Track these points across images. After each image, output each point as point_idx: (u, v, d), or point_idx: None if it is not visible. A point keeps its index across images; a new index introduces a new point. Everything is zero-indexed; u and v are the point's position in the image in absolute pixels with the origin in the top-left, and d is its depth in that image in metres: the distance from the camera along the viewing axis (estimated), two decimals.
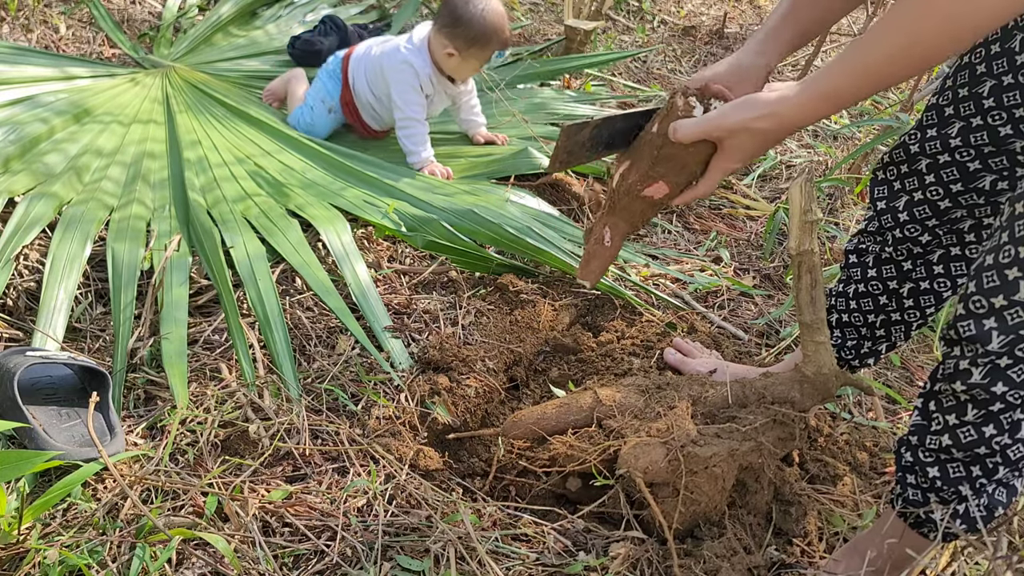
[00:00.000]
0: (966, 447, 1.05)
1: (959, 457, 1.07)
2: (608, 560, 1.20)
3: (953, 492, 1.09)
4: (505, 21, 2.13)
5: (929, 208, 1.24)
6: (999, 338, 0.98)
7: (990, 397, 1.01)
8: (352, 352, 1.54)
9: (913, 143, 1.22)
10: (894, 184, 1.27)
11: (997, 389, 1.00)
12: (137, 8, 2.90)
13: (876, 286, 1.36)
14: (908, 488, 1.14)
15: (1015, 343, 0.97)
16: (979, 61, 1.11)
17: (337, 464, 1.31)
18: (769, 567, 1.25)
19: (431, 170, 2.15)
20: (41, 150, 1.91)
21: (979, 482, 1.07)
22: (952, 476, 1.08)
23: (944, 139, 1.17)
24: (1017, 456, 1.05)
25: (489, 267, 1.81)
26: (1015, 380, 0.99)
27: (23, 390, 1.25)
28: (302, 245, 1.75)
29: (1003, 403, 1.01)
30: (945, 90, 1.17)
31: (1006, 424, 1.02)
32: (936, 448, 1.09)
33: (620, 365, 1.60)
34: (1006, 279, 0.96)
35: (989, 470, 1.06)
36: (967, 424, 1.04)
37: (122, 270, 1.58)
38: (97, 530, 1.12)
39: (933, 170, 1.20)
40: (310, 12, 2.95)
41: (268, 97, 2.44)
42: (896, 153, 1.26)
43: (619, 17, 3.50)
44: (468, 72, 2.21)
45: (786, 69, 3.34)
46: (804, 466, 1.48)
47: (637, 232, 1.40)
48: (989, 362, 0.99)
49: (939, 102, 1.18)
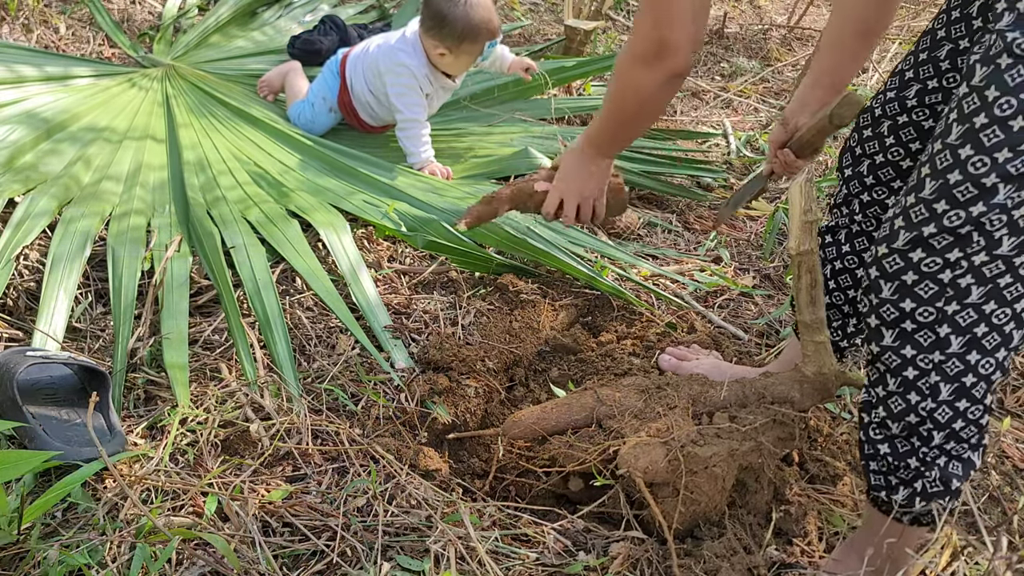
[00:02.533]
0: (897, 417, 1.09)
1: (896, 432, 1.11)
2: (608, 560, 1.20)
3: (904, 467, 1.12)
4: (491, 10, 2.11)
5: (892, 169, 1.27)
6: (887, 286, 1.03)
7: (902, 362, 1.05)
8: (352, 352, 1.54)
9: (876, 107, 1.27)
10: (856, 150, 1.31)
11: (907, 353, 1.04)
12: (137, 8, 2.90)
13: (851, 260, 1.38)
14: (871, 474, 1.17)
15: (901, 293, 1.02)
16: (940, 27, 1.17)
17: (337, 464, 1.31)
18: (769, 567, 1.25)
19: (431, 170, 2.15)
20: (41, 150, 1.91)
21: (921, 452, 1.09)
22: (900, 451, 1.11)
23: (902, 101, 1.22)
24: (947, 418, 1.06)
25: (489, 267, 1.81)
26: (923, 345, 1.03)
27: (23, 390, 1.25)
28: (302, 245, 1.75)
29: (916, 369, 1.05)
30: (907, 56, 1.23)
31: (925, 389, 1.05)
32: (878, 423, 1.13)
33: (620, 365, 1.60)
34: (892, 228, 1.03)
35: (925, 438, 1.09)
36: (894, 395, 1.08)
37: (122, 270, 1.58)
38: (97, 530, 1.12)
39: (893, 131, 1.24)
40: (310, 12, 2.96)
41: (263, 89, 2.44)
42: (862, 118, 1.30)
43: (619, 17, 3.50)
44: (464, 67, 2.20)
45: (786, 69, 3.34)
46: (804, 466, 1.48)
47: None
48: (895, 323, 1.04)
49: (902, 67, 1.24)
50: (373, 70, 2.19)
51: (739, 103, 3.00)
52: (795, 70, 3.32)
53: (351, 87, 2.23)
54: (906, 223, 1.01)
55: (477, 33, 2.09)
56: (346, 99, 2.25)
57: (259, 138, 2.16)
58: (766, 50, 3.48)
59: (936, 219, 0.98)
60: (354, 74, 2.22)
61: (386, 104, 2.21)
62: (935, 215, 0.98)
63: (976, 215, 0.95)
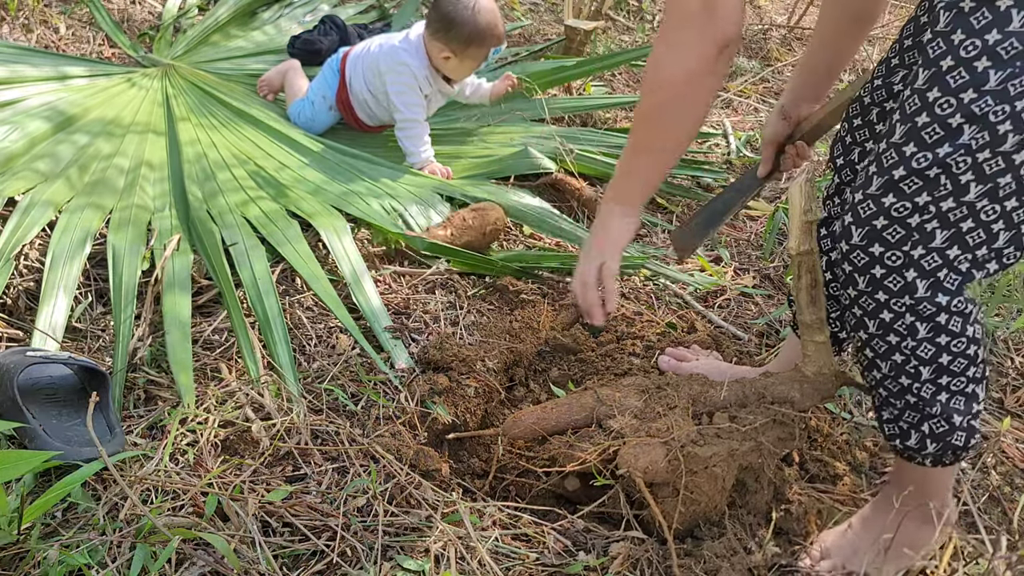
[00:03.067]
0: (884, 357, 1.12)
1: (888, 372, 1.13)
2: (608, 560, 1.20)
3: (907, 409, 1.15)
4: (498, 17, 2.12)
5: None
6: (857, 231, 1.05)
7: (876, 305, 1.08)
8: (352, 352, 1.54)
9: (865, 95, 1.28)
10: (847, 139, 1.32)
11: (880, 297, 1.07)
12: (137, 8, 2.90)
13: None
14: (884, 424, 1.20)
15: (870, 238, 1.04)
16: (922, 13, 1.18)
17: (337, 464, 1.31)
18: (769, 567, 1.25)
19: (431, 170, 2.15)
20: (41, 149, 1.91)
21: (915, 388, 1.12)
22: (894, 390, 1.14)
23: (888, 87, 1.23)
24: (930, 353, 1.09)
25: (490, 268, 1.81)
26: (892, 289, 1.06)
27: (23, 390, 1.25)
28: (302, 245, 1.75)
29: (890, 311, 1.07)
30: (893, 44, 1.24)
31: (902, 330, 1.09)
32: (867, 364, 1.16)
33: (620, 365, 1.60)
34: (866, 175, 1.05)
35: (912, 374, 1.11)
36: (874, 337, 1.11)
37: (122, 269, 1.58)
38: (97, 530, 1.12)
39: (882, 118, 1.25)
40: (310, 12, 2.95)
41: (263, 88, 2.44)
42: (852, 108, 1.31)
43: (619, 17, 3.50)
44: (466, 72, 2.21)
45: (786, 69, 3.34)
46: (804, 466, 1.48)
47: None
48: (865, 269, 1.06)
49: (888, 56, 1.25)
50: (373, 69, 2.19)
51: (739, 103, 3.00)
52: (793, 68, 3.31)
53: (350, 85, 2.23)
54: (878, 168, 1.03)
55: (483, 38, 2.09)
56: (344, 97, 2.25)
57: (259, 138, 2.16)
58: (766, 50, 3.48)
59: (905, 161, 0.99)
60: (354, 72, 2.22)
61: (384, 104, 2.21)
62: (904, 158, 1.00)
63: (942, 156, 0.97)
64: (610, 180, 1.33)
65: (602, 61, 2.64)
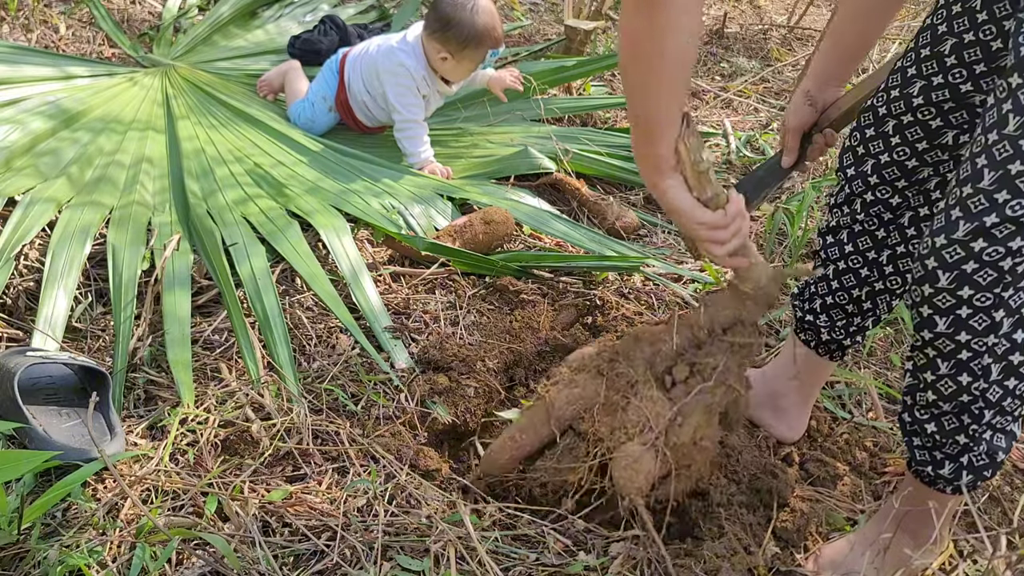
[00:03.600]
0: (949, 398, 1.10)
1: (947, 409, 1.11)
2: (608, 560, 1.20)
3: (952, 444, 1.13)
4: (496, 19, 2.11)
5: (897, 169, 1.27)
6: (944, 275, 1.02)
7: (956, 346, 1.05)
8: (352, 352, 1.54)
9: (880, 106, 1.26)
10: (859, 149, 1.30)
11: (961, 338, 1.05)
12: (137, 8, 2.90)
13: (855, 260, 1.37)
14: (915, 450, 1.18)
15: (959, 282, 1.01)
16: (940, 22, 1.16)
17: (337, 464, 1.31)
18: (769, 567, 1.25)
19: (431, 170, 2.15)
20: (41, 149, 1.91)
21: (971, 429, 1.11)
22: (948, 428, 1.13)
23: (907, 99, 1.21)
24: (997, 396, 1.08)
25: (490, 268, 1.81)
26: (977, 329, 1.03)
27: (23, 390, 1.25)
28: (302, 245, 1.75)
29: (969, 351, 1.05)
30: (908, 52, 1.22)
31: (978, 370, 1.06)
32: (925, 404, 1.14)
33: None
34: (950, 219, 1.01)
35: (976, 415, 1.10)
36: (944, 377, 1.09)
37: (122, 269, 1.58)
38: (97, 530, 1.12)
39: (899, 131, 1.24)
40: (310, 12, 2.95)
41: (264, 88, 2.44)
42: (864, 118, 1.29)
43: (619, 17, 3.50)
44: (463, 74, 2.20)
45: (786, 69, 3.34)
46: (804, 466, 1.48)
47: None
48: (950, 311, 1.03)
49: (903, 64, 1.23)
50: (372, 70, 2.19)
51: (739, 103, 3.00)
52: (795, 70, 3.31)
53: (349, 86, 2.23)
54: (964, 213, 1.00)
55: (481, 39, 2.09)
56: (343, 97, 2.25)
57: (259, 138, 2.16)
58: (766, 50, 3.48)
59: (998, 209, 0.97)
60: (352, 73, 2.23)
61: (382, 105, 2.21)
62: (997, 205, 0.97)
63: None
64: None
65: (602, 61, 2.64)
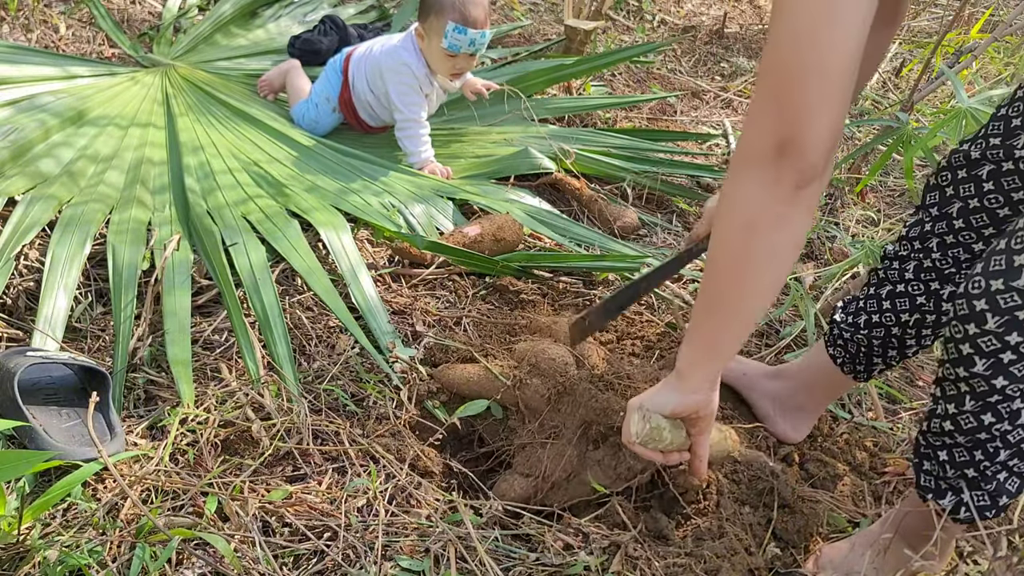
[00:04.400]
0: (967, 432, 1.08)
1: (961, 441, 1.10)
2: (608, 560, 1.20)
3: (959, 476, 1.12)
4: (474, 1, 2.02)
5: (987, 216, 1.22)
6: (993, 319, 0.99)
7: (990, 389, 1.04)
8: (352, 352, 1.54)
9: (975, 150, 1.21)
10: (947, 190, 1.26)
11: (998, 383, 1.03)
12: (137, 8, 2.90)
13: (916, 287, 1.33)
14: (922, 473, 1.17)
15: (1009, 327, 0.99)
16: None
17: (337, 464, 1.31)
18: (769, 567, 1.25)
19: (431, 170, 2.15)
20: (41, 149, 1.91)
21: (982, 465, 1.10)
22: (958, 460, 1.11)
23: (1008, 148, 1.17)
24: (1018, 439, 1.07)
25: (490, 268, 1.81)
26: (1016, 375, 1.01)
27: (23, 390, 1.25)
28: (302, 245, 1.74)
29: (1002, 395, 1.04)
30: (1015, 101, 1.17)
31: (1005, 413, 1.05)
32: (939, 432, 1.12)
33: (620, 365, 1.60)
34: (1011, 264, 0.98)
35: (990, 454, 1.09)
36: (967, 413, 1.07)
37: (122, 269, 1.58)
38: (97, 530, 1.12)
39: (994, 177, 1.20)
40: (310, 12, 2.95)
41: (264, 88, 2.44)
42: (955, 158, 1.25)
43: (619, 17, 3.50)
44: (439, 55, 2.09)
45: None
46: (804, 466, 1.48)
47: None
48: (993, 354, 1.01)
49: (1008, 113, 1.18)
50: (375, 70, 2.19)
51: (739, 103, 3.00)
52: None
53: (353, 86, 2.23)
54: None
55: (442, 7, 2.00)
56: (347, 98, 2.25)
57: (259, 137, 2.16)
58: None
59: None
60: (356, 73, 2.22)
61: (386, 105, 2.21)
62: None
63: None
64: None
65: (602, 59, 2.64)
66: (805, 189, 0.88)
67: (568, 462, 1.35)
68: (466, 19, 2.01)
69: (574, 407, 1.36)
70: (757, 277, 0.96)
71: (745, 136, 0.91)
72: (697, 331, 1.05)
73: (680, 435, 1.13)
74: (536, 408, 1.39)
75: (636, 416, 1.10)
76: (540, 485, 1.34)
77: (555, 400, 1.38)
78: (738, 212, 0.92)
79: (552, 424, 1.38)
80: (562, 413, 1.38)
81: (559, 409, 1.38)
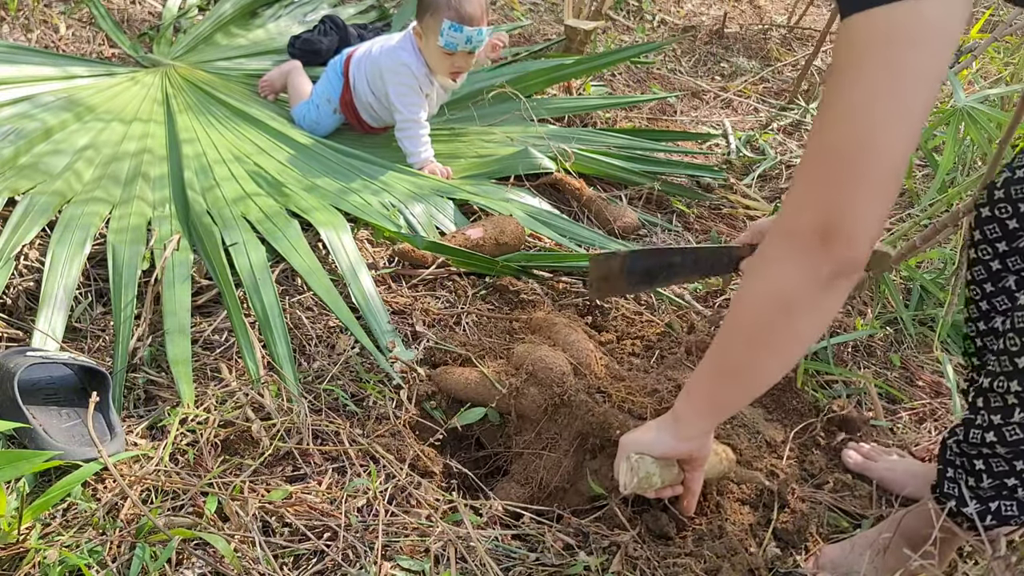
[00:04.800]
0: (1011, 444, 1.06)
1: (1002, 452, 1.08)
2: (608, 560, 1.20)
3: (997, 485, 1.10)
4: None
5: None
6: None
7: None
8: (352, 352, 1.54)
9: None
10: (1008, 223, 1.15)
11: None
12: (137, 8, 2.90)
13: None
14: (946, 480, 1.15)
15: None
16: None
17: (337, 464, 1.31)
18: (769, 567, 1.25)
19: (431, 170, 2.15)
20: (41, 149, 1.91)
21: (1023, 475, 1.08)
22: (996, 470, 1.10)
23: None
24: None
25: (490, 268, 1.81)
26: None
27: (23, 390, 1.25)
28: (302, 245, 1.74)
29: None
30: None
31: None
32: (979, 443, 1.09)
33: (620, 365, 1.60)
34: None
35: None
36: (1013, 425, 1.05)
37: (122, 269, 1.58)
38: (97, 530, 1.12)
39: None
40: (310, 12, 2.95)
41: (265, 89, 2.44)
42: (1016, 190, 1.16)
43: (619, 17, 3.50)
44: (435, 55, 2.09)
45: (786, 69, 3.34)
46: (804, 466, 1.48)
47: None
48: None
49: None
50: (375, 71, 2.18)
51: (739, 103, 3.00)
52: (795, 70, 3.31)
53: (354, 87, 2.23)
54: None
55: (438, 4, 2.00)
56: (348, 99, 2.25)
57: (259, 137, 2.16)
58: (766, 50, 3.47)
59: None
60: (357, 74, 2.22)
61: (387, 105, 2.21)
62: None
63: None
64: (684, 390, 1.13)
65: (602, 59, 2.64)
66: (844, 280, 0.86)
67: (565, 472, 1.35)
68: (462, 16, 2.00)
69: (571, 419, 1.36)
70: (777, 354, 0.94)
71: (789, 209, 0.87)
72: (702, 387, 1.04)
73: (671, 472, 1.15)
74: (533, 418, 1.39)
75: (624, 467, 1.11)
76: (537, 495, 1.35)
77: (552, 411, 1.38)
78: (773, 288, 0.90)
79: (549, 435, 1.38)
80: (558, 424, 1.38)
81: (555, 420, 1.38)
